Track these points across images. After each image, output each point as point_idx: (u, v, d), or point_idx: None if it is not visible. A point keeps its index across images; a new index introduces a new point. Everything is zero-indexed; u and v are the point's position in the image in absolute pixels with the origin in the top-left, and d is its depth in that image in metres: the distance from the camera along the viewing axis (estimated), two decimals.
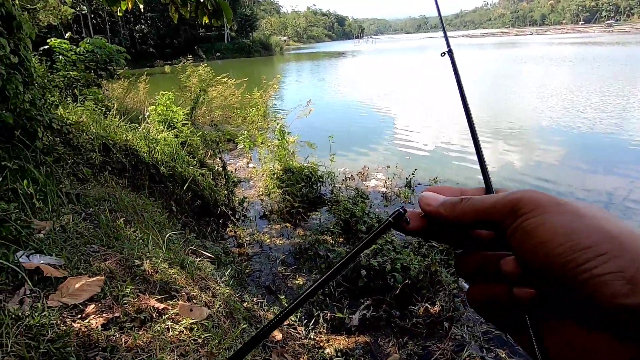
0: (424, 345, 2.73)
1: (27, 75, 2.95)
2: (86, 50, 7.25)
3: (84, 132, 3.93)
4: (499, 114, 10.68)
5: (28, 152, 2.65)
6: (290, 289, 3.36)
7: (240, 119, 10.23)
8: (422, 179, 5.92)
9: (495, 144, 8.05)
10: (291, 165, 5.39)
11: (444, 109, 12.06)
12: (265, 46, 55.40)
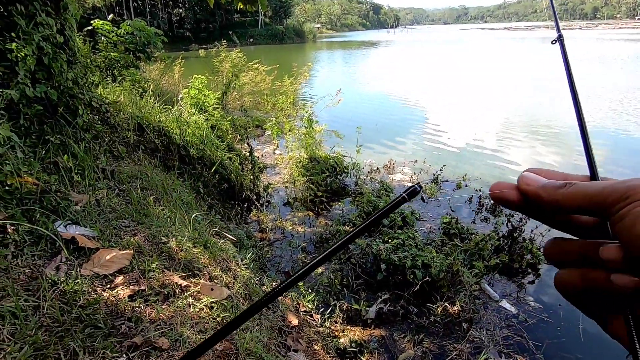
0: (440, 344, 2.69)
1: (71, 55, 3.08)
2: (126, 32, 7.49)
3: (121, 112, 4.09)
4: (538, 115, 10.17)
5: (69, 128, 2.79)
6: (309, 277, 3.39)
7: (269, 105, 10.30)
8: (450, 175, 5.76)
9: (532, 143, 7.69)
10: (317, 155, 5.39)
11: (478, 106, 11.61)
12: (298, 33, 55.15)
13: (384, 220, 3.95)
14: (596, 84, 13.52)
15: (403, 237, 3.54)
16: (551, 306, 3.13)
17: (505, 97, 12.68)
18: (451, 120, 9.89)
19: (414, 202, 5.01)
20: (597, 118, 9.20)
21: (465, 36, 67.27)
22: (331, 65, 25.43)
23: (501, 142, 7.83)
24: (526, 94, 13.17)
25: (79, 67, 3.25)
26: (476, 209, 4.78)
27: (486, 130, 8.72)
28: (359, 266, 3.36)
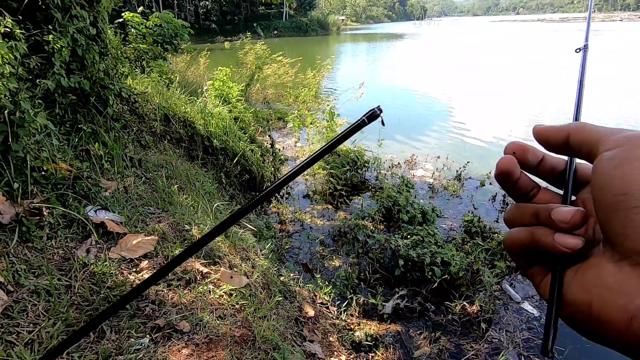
0: (457, 343, 2.66)
1: (102, 47, 3.20)
2: (155, 24, 7.68)
3: (148, 102, 4.22)
4: (569, 112, 9.71)
5: (100, 117, 2.90)
6: (327, 270, 3.42)
7: (292, 98, 10.32)
8: (474, 173, 5.62)
9: None
10: (338, 148, 5.38)
11: (507, 102, 11.21)
12: (322, 25, 54.75)
13: (404, 216, 3.92)
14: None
15: (423, 233, 3.50)
16: None
17: (536, 93, 12.18)
18: (477, 116, 9.61)
19: (436, 199, 4.94)
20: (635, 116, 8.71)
21: (496, 28, 64.78)
22: (354, 58, 25.16)
23: (530, 138, 7.54)
24: (558, 89, 12.60)
25: (110, 58, 3.36)
26: (500, 207, 4.66)
27: (514, 127, 8.42)
28: (376, 261, 3.35)
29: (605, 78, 13.19)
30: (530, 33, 47.80)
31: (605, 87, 12.04)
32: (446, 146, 7.17)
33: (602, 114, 9.10)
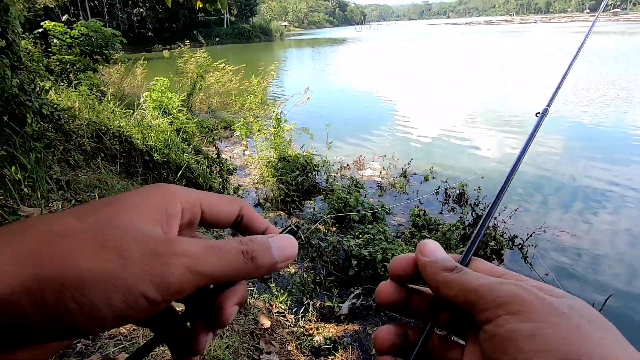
0: None
1: (15, 60, 2.90)
2: (81, 33, 7.13)
3: (77, 118, 3.90)
4: (501, 105, 10.62)
5: (17, 138, 2.63)
6: (282, 277, 3.38)
7: (237, 105, 10.13)
8: (418, 169, 5.91)
9: (496, 132, 8.02)
10: (287, 154, 5.37)
11: (445, 99, 11.96)
12: (265, 31, 54.56)
13: (354, 217, 4.00)
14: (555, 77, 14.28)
15: (373, 231, 3.60)
16: None
17: (471, 90, 13.14)
18: (419, 114, 10.14)
19: (385, 196, 5.11)
20: (557, 109, 9.72)
21: (430, 31, 69.03)
22: (300, 63, 25.38)
23: (467, 133, 8.11)
24: (490, 84, 13.71)
25: (25, 72, 3.06)
26: (443, 199, 4.94)
27: (453, 123, 9.01)
28: (331, 263, 3.39)
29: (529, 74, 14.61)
30: (461, 34, 51.63)
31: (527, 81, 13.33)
32: (392, 145, 7.47)
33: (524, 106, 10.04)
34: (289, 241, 0.30)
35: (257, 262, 0.27)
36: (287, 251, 0.29)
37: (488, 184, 5.35)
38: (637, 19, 67.33)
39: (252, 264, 0.26)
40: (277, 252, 0.28)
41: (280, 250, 0.28)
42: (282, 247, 0.29)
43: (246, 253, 0.26)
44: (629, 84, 11.98)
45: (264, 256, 0.27)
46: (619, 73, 14.19)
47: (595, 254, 3.81)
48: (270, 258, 0.28)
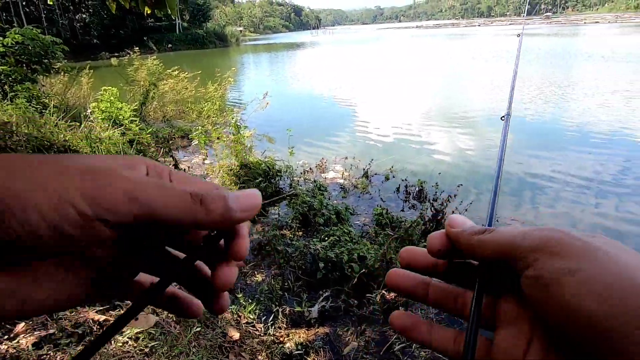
0: (381, 331, 2.82)
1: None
2: (16, 41, 6.61)
3: (14, 134, 3.60)
4: (454, 103, 11.19)
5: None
6: (250, 287, 3.32)
7: (194, 113, 9.84)
8: (379, 169, 6.06)
9: (450, 130, 8.43)
10: (248, 160, 5.30)
11: (402, 99, 12.39)
12: (220, 37, 53.50)
13: (319, 219, 4.03)
14: (497, 77, 15.29)
15: (339, 233, 3.65)
16: None
17: (425, 91, 13.72)
18: (378, 115, 10.41)
19: (348, 197, 5.19)
20: (501, 107, 10.41)
21: (384, 34, 71.28)
22: (258, 69, 25.16)
23: (424, 131, 8.45)
24: (442, 85, 14.40)
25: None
26: (404, 197, 5.11)
27: (410, 123, 9.34)
28: (298, 268, 3.38)
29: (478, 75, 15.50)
30: (413, 37, 53.82)
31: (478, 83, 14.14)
32: (353, 146, 7.61)
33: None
34: (251, 192, 0.28)
35: (207, 207, 0.25)
36: (248, 200, 0.27)
37: (445, 179, 5.61)
38: (566, 22, 74.02)
39: (201, 207, 0.25)
40: (233, 200, 0.26)
41: (240, 200, 0.26)
42: (241, 195, 0.27)
43: (194, 195, 0.25)
44: (563, 82, 13.10)
45: (215, 202, 0.25)
46: (553, 72, 15.50)
47: None
48: (224, 206, 0.26)
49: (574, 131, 7.88)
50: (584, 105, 9.86)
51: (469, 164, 6.47)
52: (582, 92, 11.34)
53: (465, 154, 7.01)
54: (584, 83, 12.80)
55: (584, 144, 7.07)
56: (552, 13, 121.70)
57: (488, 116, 9.52)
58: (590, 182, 5.44)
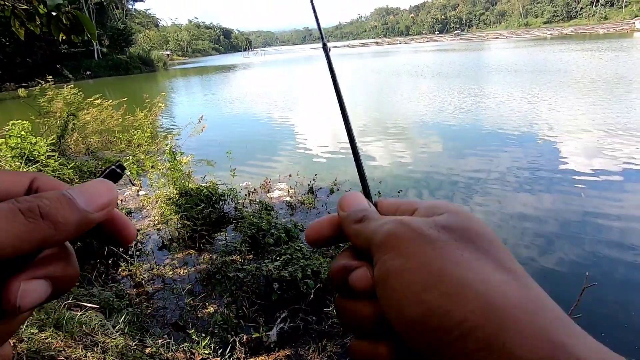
0: (341, 343, 2.83)
1: None
2: None
3: None
4: (386, 115, 11.87)
5: None
6: (202, 320, 3.13)
7: (123, 143, 9.19)
8: (323, 182, 6.17)
9: (385, 140, 8.90)
10: (188, 187, 5.06)
11: (335, 113, 12.83)
12: (145, 62, 51.03)
13: (269, 240, 3.96)
14: (420, 88, 16.61)
15: (290, 251, 3.61)
16: None
17: (359, 105, 14.38)
18: (317, 131, 10.66)
19: (296, 214, 5.18)
20: (428, 116, 11.30)
21: (314, 54, 73.83)
22: (190, 93, 24.40)
23: (362, 143, 8.81)
24: (374, 99, 15.23)
25: None
26: None
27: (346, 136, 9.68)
28: (252, 292, 3.27)
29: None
30: (341, 56, 56.49)
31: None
32: (295, 163, 7.66)
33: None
34: (102, 185, 0.24)
35: (53, 219, 0.20)
36: (102, 197, 0.23)
37: (386, 187, 5.89)
38: (472, 38, 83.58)
39: (44, 222, 0.20)
40: (85, 201, 0.22)
41: (92, 197, 0.22)
42: (92, 193, 0.23)
43: (28, 211, 0.20)
44: (478, 92, 14.67)
45: (62, 209, 0.21)
46: (468, 83, 17.29)
47: None
48: (75, 210, 0.21)
49: (490, 133, 8.83)
50: (498, 110, 11.12)
51: (406, 169, 6.88)
52: (494, 100, 12.78)
53: (401, 160, 7.45)
54: (495, 92, 14.46)
55: (500, 143, 7.93)
56: (460, 31, 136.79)
57: (417, 125, 10.26)
58: (507, 175, 6.10)
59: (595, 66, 19.20)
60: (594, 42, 39.57)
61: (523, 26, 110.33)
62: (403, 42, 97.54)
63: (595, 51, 27.84)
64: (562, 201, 5.15)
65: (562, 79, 16.03)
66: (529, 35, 70.85)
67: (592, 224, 4.51)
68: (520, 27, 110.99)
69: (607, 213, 4.74)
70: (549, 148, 7.43)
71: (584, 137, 8.01)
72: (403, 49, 65.62)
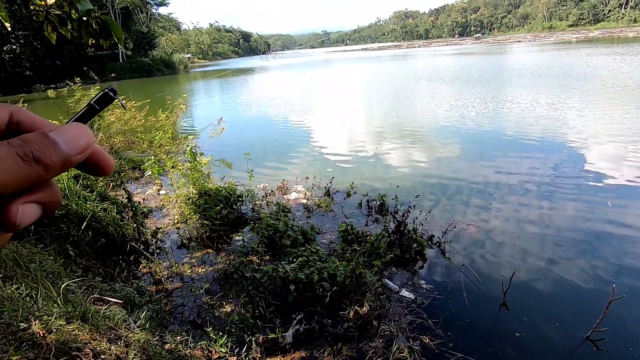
0: (357, 347, 2.81)
1: None
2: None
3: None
4: (403, 120, 11.78)
5: None
6: (219, 319, 3.17)
7: (145, 143, 9.45)
8: (339, 186, 6.17)
9: (403, 145, 8.83)
10: (207, 188, 5.15)
11: (356, 119, 12.83)
12: (167, 64, 52.33)
13: (286, 242, 3.99)
14: (440, 92, 16.39)
15: (307, 253, 3.62)
16: (439, 284, 3.60)
17: (376, 109, 14.32)
18: (334, 135, 10.67)
19: (312, 217, 5.19)
20: (448, 119, 11.14)
21: (332, 57, 74.01)
22: (210, 95, 24.84)
23: (379, 147, 8.77)
24: (391, 104, 15.14)
25: None
26: (366, 212, 5.22)
27: (365, 139, 9.67)
28: (268, 293, 3.30)
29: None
30: (359, 59, 56.43)
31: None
32: (312, 166, 7.69)
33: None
34: (79, 129, 0.27)
35: (44, 163, 0.24)
36: (80, 141, 0.27)
37: (403, 191, 5.84)
38: (494, 41, 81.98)
39: (38, 166, 0.24)
40: (67, 145, 0.26)
41: (71, 142, 0.26)
42: (72, 138, 0.26)
43: (25, 155, 0.24)
44: (497, 96, 14.37)
45: (50, 154, 0.25)
46: (488, 88, 16.96)
47: (495, 239, 4.39)
48: (60, 154, 0.25)
49: (512, 139, 8.62)
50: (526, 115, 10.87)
51: (423, 174, 6.80)
52: (518, 106, 12.48)
53: (419, 165, 7.37)
54: (520, 97, 14.13)
55: (521, 149, 7.74)
56: (481, 34, 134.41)
57: (434, 130, 10.14)
58: (529, 182, 5.94)
59: (627, 71, 18.52)
60: (623, 45, 38.14)
61: (547, 29, 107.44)
62: (422, 45, 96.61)
63: (626, 55, 26.84)
64: (587, 210, 4.98)
65: (590, 85, 15.53)
66: (553, 39, 68.88)
67: (618, 234, 4.34)
68: (544, 30, 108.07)
69: (634, 224, 4.55)
70: (574, 155, 7.21)
71: (611, 144, 7.72)
72: (422, 52, 65.01)
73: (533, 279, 3.65)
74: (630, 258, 3.87)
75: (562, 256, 3.99)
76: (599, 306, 2.95)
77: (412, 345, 2.82)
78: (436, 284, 3.60)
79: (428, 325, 3.05)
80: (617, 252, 3.98)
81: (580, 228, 4.54)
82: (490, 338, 2.96)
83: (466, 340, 2.91)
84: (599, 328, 2.83)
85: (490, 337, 2.97)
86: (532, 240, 4.33)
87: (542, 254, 4.04)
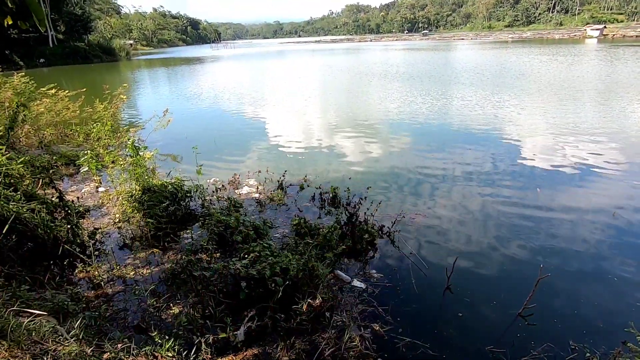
0: (310, 340, 2.83)
1: None
2: None
3: None
4: (356, 113, 11.96)
5: None
6: (165, 322, 3.02)
7: (81, 136, 8.67)
8: (293, 179, 6.14)
9: (356, 138, 8.96)
10: (152, 184, 4.84)
11: (307, 110, 12.78)
12: (106, 50, 48.23)
13: (237, 237, 3.89)
14: (390, 88, 16.83)
15: (258, 248, 3.55)
16: (389, 273, 3.73)
17: (329, 102, 14.38)
18: (288, 128, 10.55)
19: (265, 211, 5.11)
20: (401, 116, 11.48)
21: (285, 48, 73.05)
22: (155, 85, 23.36)
23: (332, 141, 8.83)
24: (344, 98, 15.30)
25: None
26: (319, 205, 5.25)
27: (318, 132, 9.68)
28: (219, 292, 3.19)
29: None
30: (312, 52, 56.30)
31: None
32: (265, 160, 7.55)
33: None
34: None
35: None
36: None
37: (355, 184, 5.95)
38: (439, 38, 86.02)
39: None
40: None
41: None
42: None
43: None
44: (445, 93, 15.12)
45: None
46: (435, 84, 17.77)
47: (442, 227, 4.63)
48: None
49: (457, 132, 9.13)
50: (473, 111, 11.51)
51: (375, 166, 6.97)
52: (463, 103, 13.21)
53: (371, 157, 7.54)
54: (466, 94, 14.95)
55: (465, 142, 8.23)
56: (428, 31, 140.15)
57: (386, 123, 10.43)
58: (471, 173, 6.35)
59: (555, 71, 20.36)
60: (551, 46, 41.93)
61: (487, 29, 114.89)
62: (374, 40, 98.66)
63: (554, 55, 29.51)
64: (519, 196, 5.43)
65: (525, 83, 16.87)
66: (492, 38, 73.83)
67: (546, 218, 4.79)
68: (484, 29, 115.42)
69: (560, 207, 5.05)
70: (510, 147, 7.80)
71: (542, 137, 8.48)
72: (374, 46, 66.43)
73: (473, 262, 3.91)
74: (555, 239, 4.28)
75: (499, 240, 4.31)
76: (529, 285, 3.23)
77: (364, 334, 2.89)
78: (386, 273, 3.73)
79: (378, 313, 3.14)
80: (545, 235, 4.39)
81: (514, 213, 4.93)
82: (436, 321, 3.12)
83: (414, 325, 3.04)
84: (529, 305, 3.11)
85: (436, 320, 3.14)
86: (472, 227, 4.63)
87: (481, 239, 4.34)
